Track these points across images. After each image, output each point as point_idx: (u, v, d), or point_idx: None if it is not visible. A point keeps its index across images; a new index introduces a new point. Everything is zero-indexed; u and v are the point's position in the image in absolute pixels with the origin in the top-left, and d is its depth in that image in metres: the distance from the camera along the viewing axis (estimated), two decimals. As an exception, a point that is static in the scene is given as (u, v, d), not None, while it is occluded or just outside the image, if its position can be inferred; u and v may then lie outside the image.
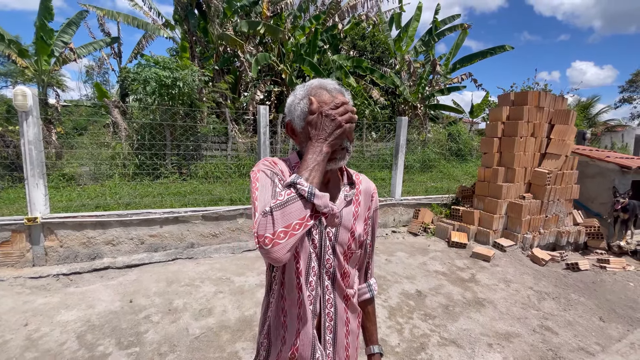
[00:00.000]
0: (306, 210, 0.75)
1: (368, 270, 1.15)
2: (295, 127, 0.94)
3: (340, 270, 0.98)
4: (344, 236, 0.97)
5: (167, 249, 4.08)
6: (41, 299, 2.95)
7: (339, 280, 0.98)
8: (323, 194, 0.77)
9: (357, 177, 1.06)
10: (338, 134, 0.81)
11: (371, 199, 1.07)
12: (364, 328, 1.15)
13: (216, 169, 6.35)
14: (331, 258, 0.95)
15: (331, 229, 0.95)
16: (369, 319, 1.15)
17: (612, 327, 3.01)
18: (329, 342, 0.98)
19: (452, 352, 2.53)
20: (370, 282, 1.15)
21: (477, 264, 4.25)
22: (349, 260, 1.00)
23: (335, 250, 0.96)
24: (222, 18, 8.97)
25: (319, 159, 0.80)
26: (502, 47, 11.47)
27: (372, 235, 1.11)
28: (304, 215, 0.75)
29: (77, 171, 5.97)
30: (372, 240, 1.12)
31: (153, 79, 6.14)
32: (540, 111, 5.02)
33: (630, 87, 23.58)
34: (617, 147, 11.15)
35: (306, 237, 0.93)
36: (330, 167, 0.91)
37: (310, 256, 0.93)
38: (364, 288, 1.14)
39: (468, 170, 8.75)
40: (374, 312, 1.17)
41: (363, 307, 1.14)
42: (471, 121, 15.47)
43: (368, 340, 1.15)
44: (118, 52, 12.90)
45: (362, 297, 1.13)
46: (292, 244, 0.75)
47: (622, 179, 5.23)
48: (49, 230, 3.58)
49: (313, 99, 0.86)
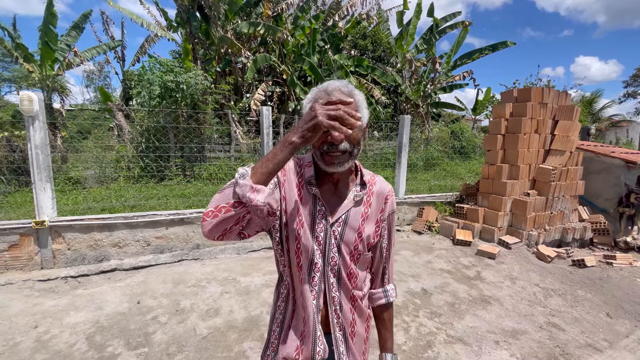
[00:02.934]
0: (233, 198, 0.79)
1: (385, 274, 1.12)
2: None
3: (346, 269, 0.98)
4: (350, 236, 0.97)
5: (173, 251, 4.11)
6: (50, 302, 2.98)
7: (345, 279, 0.98)
8: (248, 184, 0.77)
9: (372, 178, 1.05)
10: (311, 125, 0.77)
11: (385, 201, 1.04)
12: (379, 334, 1.13)
13: (220, 170, 6.38)
14: (336, 256, 0.96)
15: (337, 227, 0.95)
16: (384, 326, 1.12)
17: (619, 323, 2.99)
18: (340, 339, 0.99)
19: (458, 349, 2.53)
20: (387, 287, 1.12)
21: (482, 262, 4.24)
22: (356, 261, 1.00)
23: (341, 249, 0.96)
24: (224, 20, 9.01)
25: (278, 148, 0.80)
26: (503, 44, 11.40)
27: (389, 238, 1.09)
28: (230, 201, 0.79)
29: (82, 175, 6.03)
30: (389, 244, 1.09)
31: (157, 83, 6.18)
32: (544, 107, 4.99)
33: (635, 82, 23.35)
34: (622, 142, 11.07)
35: (309, 233, 0.94)
36: (332, 170, 0.91)
37: (313, 252, 0.94)
38: (380, 293, 1.11)
39: (472, 168, 8.72)
40: (390, 319, 1.13)
41: (379, 312, 1.12)
42: (474, 118, 15.41)
43: (382, 347, 1.13)
44: (121, 56, 12.98)
45: (378, 302, 1.11)
46: (216, 224, 0.79)
47: (627, 174, 5.19)
48: (56, 233, 3.62)
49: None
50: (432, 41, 12.04)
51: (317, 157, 0.93)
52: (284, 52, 9.91)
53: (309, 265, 0.95)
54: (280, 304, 1.04)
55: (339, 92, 0.89)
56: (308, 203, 0.96)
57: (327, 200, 0.97)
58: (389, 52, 12.37)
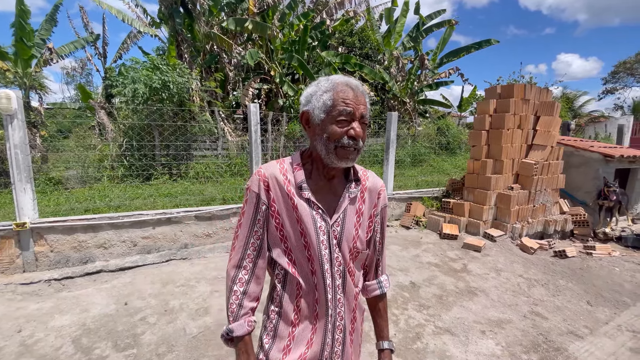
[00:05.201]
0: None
1: (379, 266, 1.15)
2: (313, 117, 0.94)
3: (347, 268, 0.99)
4: (349, 234, 0.97)
5: (160, 251, 4.05)
6: (34, 305, 2.90)
7: (348, 278, 0.99)
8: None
9: (365, 173, 1.06)
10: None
11: (378, 196, 1.06)
12: (375, 324, 1.16)
13: (207, 168, 6.30)
14: (340, 257, 0.96)
15: (336, 227, 0.96)
16: (380, 315, 1.15)
17: (599, 311, 3.12)
18: (338, 340, 0.99)
19: (446, 340, 2.59)
20: (381, 278, 1.15)
21: (468, 255, 4.34)
22: (354, 259, 1.01)
23: (342, 248, 0.96)
24: (208, 16, 8.87)
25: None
26: (487, 41, 11.61)
27: (382, 232, 1.11)
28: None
29: (63, 175, 5.86)
30: (382, 238, 1.12)
31: (142, 82, 6.04)
32: (526, 103, 5.12)
33: (613, 79, 24.15)
34: (601, 137, 11.42)
35: (315, 240, 0.93)
36: (343, 165, 0.94)
37: (321, 259, 0.94)
38: (375, 284, 1.13)
39: (457, 163, 8.88)
40: (385, 308, 1.16)
41: (374, 303, 1.15)
42: (460, 115, 15.66)
43: (378, 336, 1.15)
44: (103, 52, 12.63)
45: (373, 294, 1.13)
46: None
47: (605, 168, 5.38)
48: (38, 235, 3.52)
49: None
50: (418, 39, 12.16)
51: (327, 151, 0.92)
52: (271, 49, 9.83)
53: (322, 272, 0.95)
54: (273, 315, 1.00)
55: (362, 94, 0.94)
56: (304, 210, 0.94)
57: (322, 200, 0.96)
58: (376, 50, 12.43)
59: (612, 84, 24.31)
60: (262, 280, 0.99)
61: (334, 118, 0.90)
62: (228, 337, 0.94)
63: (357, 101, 0.90)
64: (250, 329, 0.95)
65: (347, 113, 0.89)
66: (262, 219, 0.95)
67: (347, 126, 0.90)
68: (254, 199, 0.95)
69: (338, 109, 0.89)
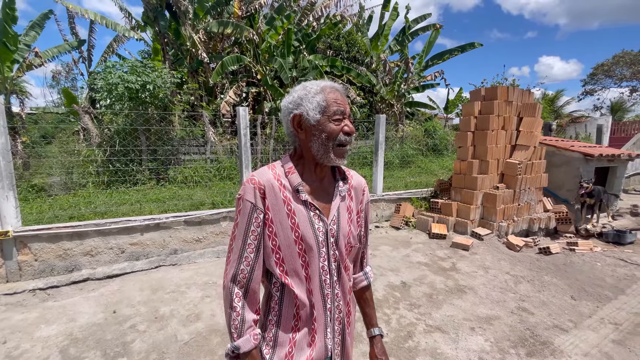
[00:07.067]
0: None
1: (364, 259, 1.21)
2: (306, 119, 0.95)
3: (343, 264, 1.02)
4: (344, 231, 1.01)
5: (149, 257, 3.99)
6: (18, 315, 2.82)
7: (343, 274, 1.03)
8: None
9: (348, 172, 1.12)
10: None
11: (362, 193, 1.13)
12: (364, 314, 1.20)
13: (195, 173, 6.24)
14: (336, 254, 1.00)
15: (333, 225, 0.99)
16: (368, 305, 1.20)
17: (583, 305, 3.22)
18: (338, 331, 1.03)
19: (437, 337, 2.63)
20: (366, 269, 1.21)
21: (457, 253, 4.42)
22: (349, 254, 1.05)
23: (339, 245, 1.00)
24: (194, 19, 8.81)
25: None
26: (471, 45, 11.89)
27: (366, 226, 1.17)
28: None
29: (46, 181, 5.71)
30: (366, 231, 1.18)
31: (120, 84, 5.95)
32: (510, 105, 5.26)
33: (592, 81, 24.96)
34: (581, 137, 11.80)
35: (314, 241, 0.95)
36: (340, 164, 1.00)
37: (321, 257, 0.97)
38: (361, 276, 1.19)
39: (445, 164, 9.03)
40: (372, 297, 1.23)
41: (361, 294, 1.20)
42: (446, 117, 15.93)
43: (368, 324, 1.19)
44: (87, 57, 12.36)
45: (360, 285, 1.18)
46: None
47: (586, 166, 5.57)
48: (21, 244, 3.42)
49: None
50: (405, 42, 12.35)
51: (326, 150, 0.95)
52: (258, 52, 9.82)
53: (319, 271, 0.97)
54: (271, 318, 1.01)
55: (343, 91, 1.01)
56: (301, 214, 0.95)
57: (317, 200, 0.99)
58: (363, 53, 12.56)
59: (591, 85, 25.15)
60: (259, 292, 0.99)
61: (330, 117, 0.95)
62: (234, 354, 0.92)
63: (344, 101, 0.98)
64: (257, 342, 0.94)
65: (340, 112, 0.95)
66: (257, 230, 0.94)
67: (341, 124, 0.96)
68: (247, 209, 0.93)
69: (332, 108, 0.95)
